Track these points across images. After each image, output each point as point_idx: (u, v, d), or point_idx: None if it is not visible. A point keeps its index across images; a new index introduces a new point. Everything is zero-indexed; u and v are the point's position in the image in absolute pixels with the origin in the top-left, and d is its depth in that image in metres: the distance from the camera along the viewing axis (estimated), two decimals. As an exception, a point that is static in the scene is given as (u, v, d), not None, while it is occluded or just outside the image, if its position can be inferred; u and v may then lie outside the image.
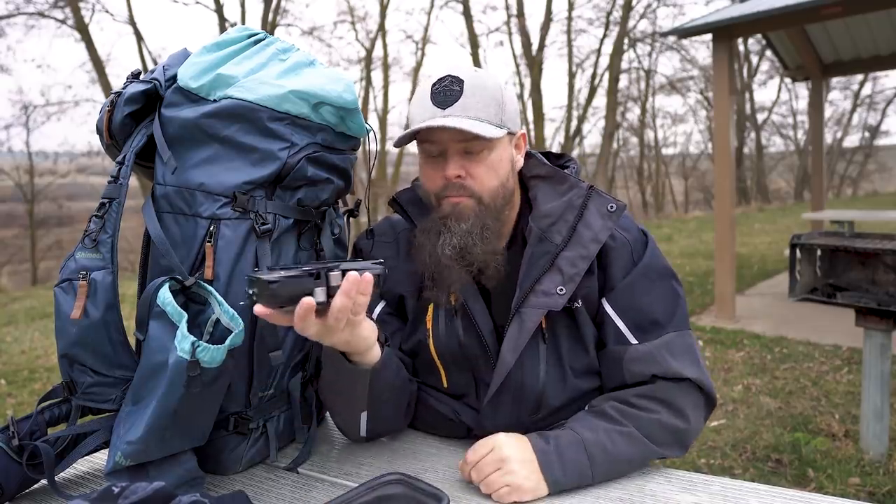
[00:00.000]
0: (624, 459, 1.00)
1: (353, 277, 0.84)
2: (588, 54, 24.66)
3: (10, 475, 0.95)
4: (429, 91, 1.05)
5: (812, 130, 8.54)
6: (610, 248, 1.09)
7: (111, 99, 1.02)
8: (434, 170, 1.08)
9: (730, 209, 5.36)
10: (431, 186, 1.09)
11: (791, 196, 24.19)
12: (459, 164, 1.05)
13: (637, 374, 1.05)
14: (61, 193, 19.56)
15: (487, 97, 1.05)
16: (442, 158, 1.07)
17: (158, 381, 0.88)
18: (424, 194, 1.13)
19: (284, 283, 0.81)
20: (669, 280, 1.11)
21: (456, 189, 1.06)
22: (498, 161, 1.07)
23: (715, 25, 5.30)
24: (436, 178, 1.08)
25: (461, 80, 1.04)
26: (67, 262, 0.97)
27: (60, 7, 15.26)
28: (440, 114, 1.02)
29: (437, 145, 1.06)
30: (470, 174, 1.06)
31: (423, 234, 1.09)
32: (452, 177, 1.05)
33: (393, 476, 0.95)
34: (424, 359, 1.16)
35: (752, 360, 4.22)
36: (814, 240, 3.00)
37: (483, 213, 1.06)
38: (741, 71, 21.60)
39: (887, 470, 2.62)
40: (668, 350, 1.05)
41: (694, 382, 1.05)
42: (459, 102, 1.03)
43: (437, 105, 1.03)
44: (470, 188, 1.06)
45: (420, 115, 1.05)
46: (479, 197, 1.06)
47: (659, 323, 1.07)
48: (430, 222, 1.10)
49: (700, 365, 1.07)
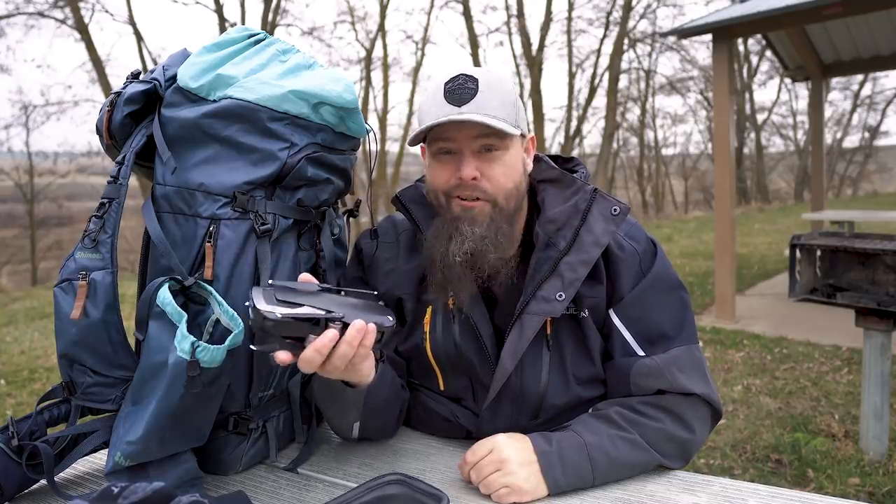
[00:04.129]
0: (625, 465, 1.00)
1: (359, 326, 0.82)
2: (588, 54, 24.63)
3: (9, 475, 0.95)
4: (442, 89, 1.02)
5: (812, 131, 8.54)
6: (619, 258, 1.08)
7: (111, 99, 1.02)
8: (446, 168, 1.05)
9: (730, 209, 5.36)
10: (441, 184, 1.06)
11: (791, 196, 24.17)
12: (475, 165, 1.03)
13: (644, 387, 1.04)
14: (61, 193, 19.56)
15: (502, 96, 1.03)
16: (455, 157, 1.04)
17: (158, 382, 0.88)
18: (432, 193, 1.10)
19: (280, 323, 0.79)
20: (678, 292, 1.10)
21: (469, 191, 1.03)
22: (512, 162, 1.06)
23: (715, 26, 5.30)
24: (447, 177, 1.05)
25: (475, 78, 1.02)
26: (67, 262, 0.97)
27: (60, 7, 15.26)
28: (456, 111, 1.00)
29: (452, 143, 1.03)
30: (485, 175, 1.03)
31: (434, 237, 1.06)
32: (468, 178, 1.02)
33: (393, 476, 0.95)
34: (421, 362, 1.16)
35: (752, 361, 4.22)
36: (814, 240, 2.99)
37: (498, 217, 1.04)
38: (741, 71, 21.60)
39: (887, 470, 2.62)
40: (676, 365, 1.04)
41: (701, 397, 1.05)
42: (475, 100, 1.00)
43: (453, 103, 1.00)
44: (484, 190, 1.03)
45: (434, 113, 1.02)
46: (494, 199, 1.04)
47: (667, 336, 1.06)
48: (440, 224, 1.07)
49: (708, 380, 1.07)
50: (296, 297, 0.84)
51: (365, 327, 0.83)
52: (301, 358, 0.82)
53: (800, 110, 25.41)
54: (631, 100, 22.58)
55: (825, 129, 10.10)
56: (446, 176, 1.05)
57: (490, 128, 0.99)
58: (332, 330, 0.81)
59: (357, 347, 0.84)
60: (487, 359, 1.09)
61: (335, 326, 0.82)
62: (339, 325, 0.82)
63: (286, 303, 0.82)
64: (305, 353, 0.82)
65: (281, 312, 0.79)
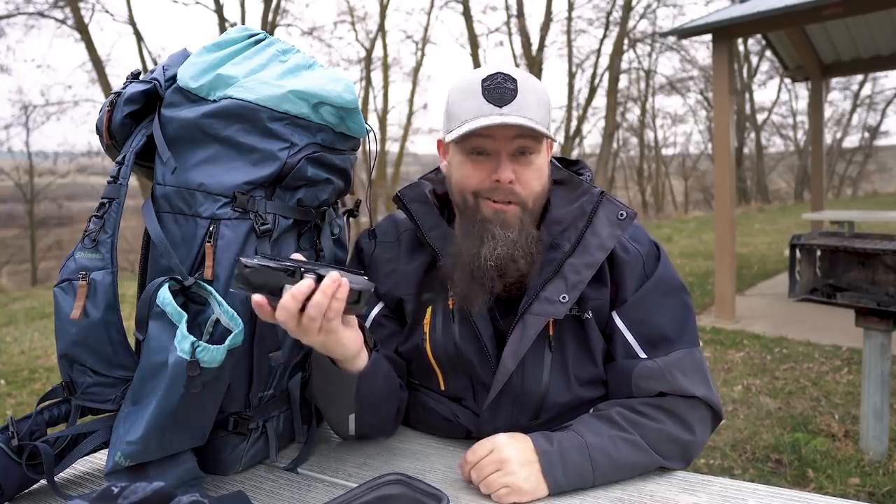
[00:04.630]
0: (626, 466, 1.00)
1: (333, 276, 0.84)
2: (588, 54, 24.61)
3: (9, 475, 0.94)
4: (479, 87, 1.01)
5: (812, 131, 8.54)
6: (623, 260, 1.08)
7: (111, 99, 1.02)
8: (480, 169, 1.04)
9: (730, 209, 5.36)
10: (474, 185, 1.05)
11: (791, 196, 24.17)
12: (511, 168, 1.02)
13: (645, 390, 1.05)
14: (61, 193, 19.56)
15: (540, 98, 1.03)
16: (491, 159, 1.04)
17: (158, 382, 0.88)
18: (458, 192, 1.09)
19: (257, 270, 0.83)
20: (681, 295, 1.10)
21: (504, 194, 1.03)
22: (543, 165, 1.06)
23: (715, 26, 5.30)
24: (482, 178, 1.04)
25: (514, 78, 1.01)
26: (67, 262, 0.97)
27: (60, 7, 15.27)
28: (497, 111, 0.99)
29: (490, 142, 1.02)
30: (519, 180, 1.03)
31: (465, 238, 1.06)
32: (506, 181, 1.02)
33: (393, 476, 0.95)
34: (421, 362, 1.15)
35: (752, 361, 4.22)
36: (814, 240, 2.99)
37: (527, 222, 1.05)
38: (741, 71, 21.61)
39: (887, 470, 2.62)
40: (678, 368, 1.04)
41: (702, 400, 1.05)
42: (516, 101, 1.00)
43: (493, 102, 1.00)
44: (518, 194, 1.03)
45: (473, 112, 1.00)
46: (525, 203, 1.04)
47: (669, 339, 1.07)
48: (471, 225, 1.06)
49: (709, 382, 1.07)
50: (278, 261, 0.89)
51: (339, 278, 0.84)
52: (279, 305, 0.84)
53: (800, 110, 25.44)
54: (631, 100, 22.61)
55: (825, 129, 10.11)
56: (481, 177, 1.05)
57: (532, 130, 0.99)
58: (309, 280, 0.84)
59: (331, 297, 0.84)
60: (488, 359, 1.09)
61: (311, 277, 0.85)
62: (314, 276, 0.85)
63: (268, 257, 0.90)
64: (282, 300, 0.83)
65: (259, 262, 0.84)
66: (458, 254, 1.06)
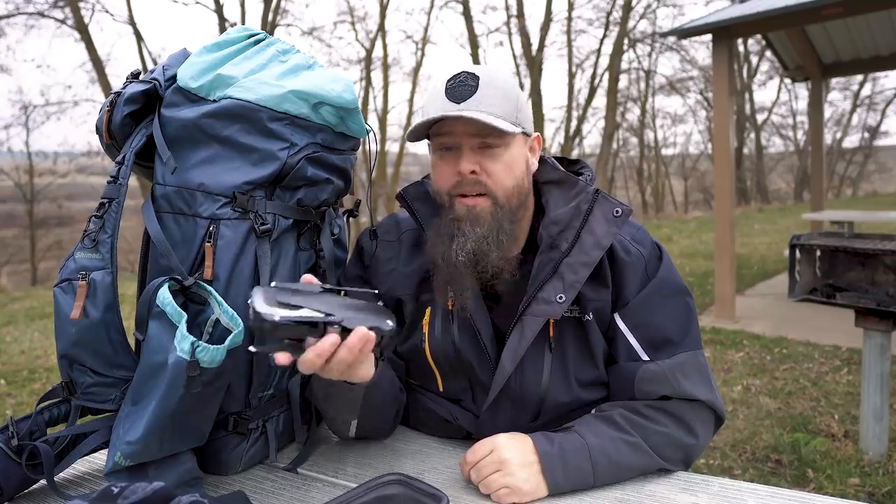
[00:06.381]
0: (626, 468, 1.00)
1: (360, 334, 0.81)
2: (588, 54, 24.63)
3: (9, 475, 0.95)
4: (443, 87, 1.03)
5: (812, 131, 8.54)
6: (624, 262, 1.08)
7: (111, 99, 1.02)
8: (447, 165, 1.05)
9: (730, 209, 5.36)
10: (444, 184, 1.06)
11: (791, 196, 24.19)
12: (474, 160, 1.02)
13: (648, 393, 1.04)
14: (61, 193, 19.55)
15: (503, 94, 1.03)
16: (455, 154, 1.04)
17: (158, 382, 0.88)
18: (437, 193, 1.09)
19: (279, 326, 0.78)
20: (683, 297, 1.10)
21: (470, 186, 1.03)
22: (513, 160, 1.05)
23: (715, 26, 5.30)
24: (449, 175, 1.05)
25: (476, 75, 1.02)
26: (67, 262, 0.97)
27: (60, 7, 15.26)
28: (454, 107, 1.00)
29: (450, 137, 1.03)
30: (485, 170, 1.03)
31: (436, 237, 1.06)
32: (466, 172, 1.02)
33: (392, 476, 0.95)
34: (420, 363, 1.15)
35: (751, 361, 4.22)
36: (813, 240, 2.99)
37: (499, 216, 1.04)
38: (741, 71, 21.60)
39: (887, 470, 2.62)
40: (681, 371, 1.04)
41: (706, 404, 1.05)
42: (475, 97, 1.00)
43: (452, 99, 1.01)
44: (485, 184, 1.03)
45: (434, 110, 1.02)
46: (495, 196, 1.03)
47: (672, 341, 1.06)
48: (442, 224, 1.06)
49: (712, 386, 1.07)
50: (296, 299, 0.83)
51: (367, 335, 0.82)
52: (301, 360, 0.81)
53: (800, 110, 25.43)
54: (631, 100, 22.60)
55: (825, 129, 10.10)
56: (448, 173, 1.05)
57: (487, 125, 0.99)
58: (333, 335, 0.81)
59: (357, 354, 0.83)
60: (487, 360, 1.09)
61: (334, 330, 0.81)
62: (337, 328, 0.81)
63: (286, 305, 0.82)
64: (306, 356, 0.81)
65: (280, 315, 0.78)
66: (432, 254, 1.06)
